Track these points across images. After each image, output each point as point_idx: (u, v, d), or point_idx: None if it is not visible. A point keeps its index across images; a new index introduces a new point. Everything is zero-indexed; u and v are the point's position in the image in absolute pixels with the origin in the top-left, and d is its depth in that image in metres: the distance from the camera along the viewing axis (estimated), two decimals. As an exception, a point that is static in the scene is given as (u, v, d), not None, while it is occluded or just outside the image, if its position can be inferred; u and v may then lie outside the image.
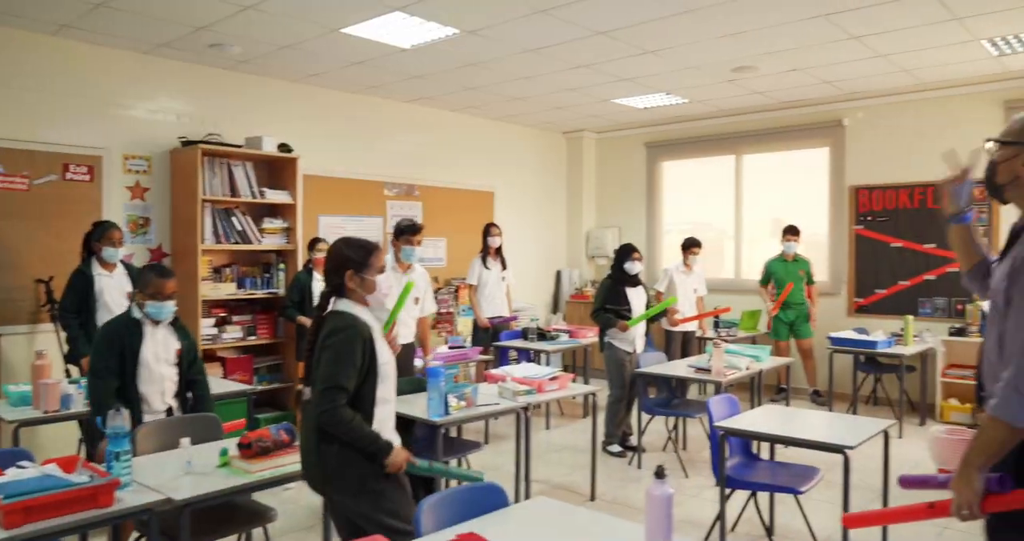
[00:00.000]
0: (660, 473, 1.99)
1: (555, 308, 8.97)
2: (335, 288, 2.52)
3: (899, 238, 6.97)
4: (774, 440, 3.34)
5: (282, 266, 5.99)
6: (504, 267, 6.67)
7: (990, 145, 1.99)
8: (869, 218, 7.16)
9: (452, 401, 3.60)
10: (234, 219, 5.72)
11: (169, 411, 3.39)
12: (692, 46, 5.43)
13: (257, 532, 3.30)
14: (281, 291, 5.90)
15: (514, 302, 6.99)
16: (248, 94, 6.18)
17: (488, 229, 6.61)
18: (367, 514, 2.40)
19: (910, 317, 6.24)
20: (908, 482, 2.08)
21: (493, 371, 4.46)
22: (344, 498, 2.43)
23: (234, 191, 5.71)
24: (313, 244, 5.78)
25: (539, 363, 6.38)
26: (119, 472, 2.42)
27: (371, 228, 7.04)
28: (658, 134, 8.65)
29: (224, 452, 2.75)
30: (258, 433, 2.78)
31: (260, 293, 5.85)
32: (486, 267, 6.54)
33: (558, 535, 2.11)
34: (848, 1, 4.50)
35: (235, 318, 5.72)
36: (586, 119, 8.38)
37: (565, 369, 8.48)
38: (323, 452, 2.41)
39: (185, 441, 2.69)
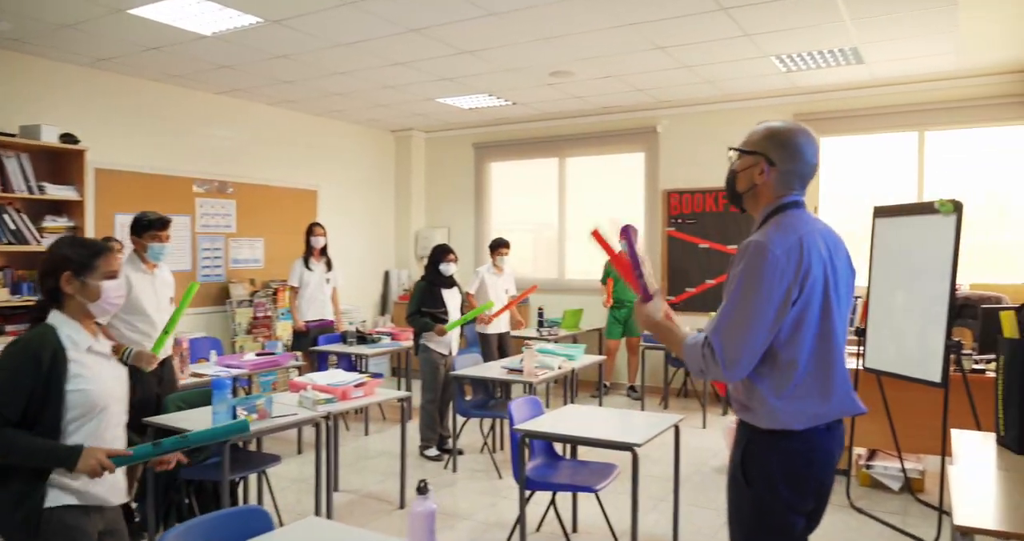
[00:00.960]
0: (422, 489, 1.92)
1: (383, 310, 8.79)
2: (49, 295, 2.14)
3: (706, 239, 7.40)
4: (568, 441, 3.38)
5: (67, 269, 5.41)
6: (329, 268, 6.42)
7: (732, 154, 2.10)
8: (679, 220, 7.55)
9: (241, 414, 3.36)
10: (7, 217, 5.09)
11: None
12: (508, 49, 5.46)
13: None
14: (65, 297, 5.33)
15: (341, 304, 6.75)
16: (24, 77, 5.52)
17: (311, 229, 6.34)
18: None
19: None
20: (611, 235, 2.27)
21: (297, 379, 4.24)
22: None
23: (6, 185, 5.08)
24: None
25: (360, 367, 6.21)
26: None
27: (178, 227, 6.51)
28: (485, 135, 8.68)
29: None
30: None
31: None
32: (308, 268, 6.26)
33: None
34: (648, 13, 4.68)
35: (9, 327, 5.08)
36: (413, 118, 8.26)
37: (393, 372, 8.35)
38: None
39: None
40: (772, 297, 1.83)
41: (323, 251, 6.41)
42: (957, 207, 3.71)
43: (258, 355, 5.27)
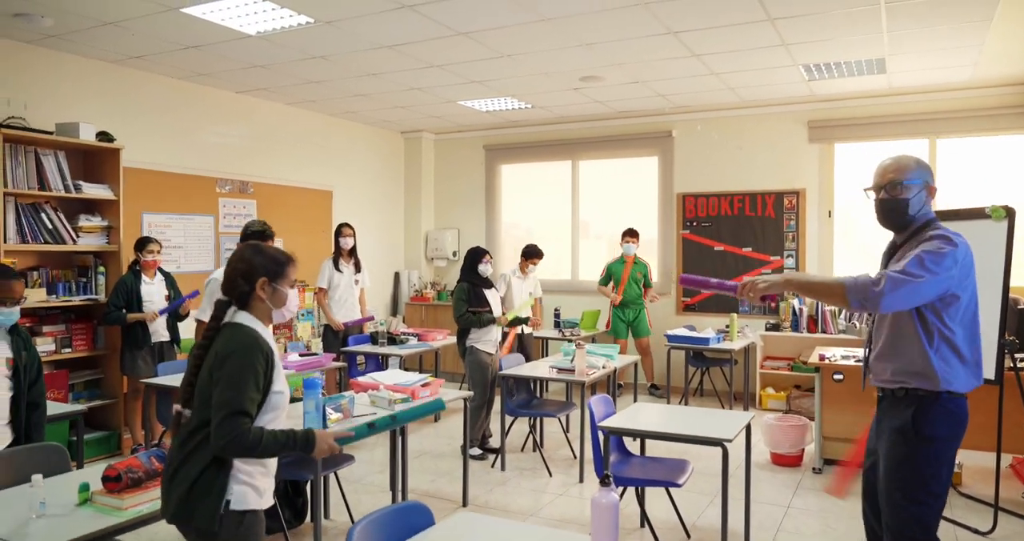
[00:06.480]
0: (605, 481, 1.98)
1: (394, 311, 8.78)
2: (238, 298, 2.23)
3: (720, 242, 7.57)
4: (659, 437, 3.46)
5: (102, 269, 5.34)
6: (358, 270, 6.40)
7: (901, 186, 2.46)
8: (694, 223, 7.71)
9: (330, 413, 3.38)
10: (44, 216, 5.01)
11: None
12: (547, 53, 5.53)
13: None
14: (101, 297, 5.26)
15: (366, 305, 6.72)
16: (56, 75, 5.42)
17: (340, 230, 6.33)
18: None
19: (734, 315, 6.80)
20: (686, 281, 2.73)
21: (360, 379, 4.25)
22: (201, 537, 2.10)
23: (43, 184, 5.00)
24: (142, 244, 5.20)
25: (385, 368, 6.21)
26: (-39, 521, 2.01)
27: (202, 227, 6.48)
28: (497, 137, 8.74)
29: (85, 487, 2.38)
30: (127, 462, 2.43)
31: (76, 300, 5.16)
32: (338, 270, 6.24)
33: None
34: (697, 22, 4.80)
35: (46, 328, 5.00)
36: (427, 120, 8.28)
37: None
38: (182, 478, 2.08)
39: (37, 478, 2.28)
40: (945, 272, 2.25)
41: (352, 252, 6.40)
42: (1009, 213, 3.89)
43: (300, 356, 5.26)
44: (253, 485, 2.14)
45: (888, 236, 2.60)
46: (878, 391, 2.55)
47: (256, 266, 2.23)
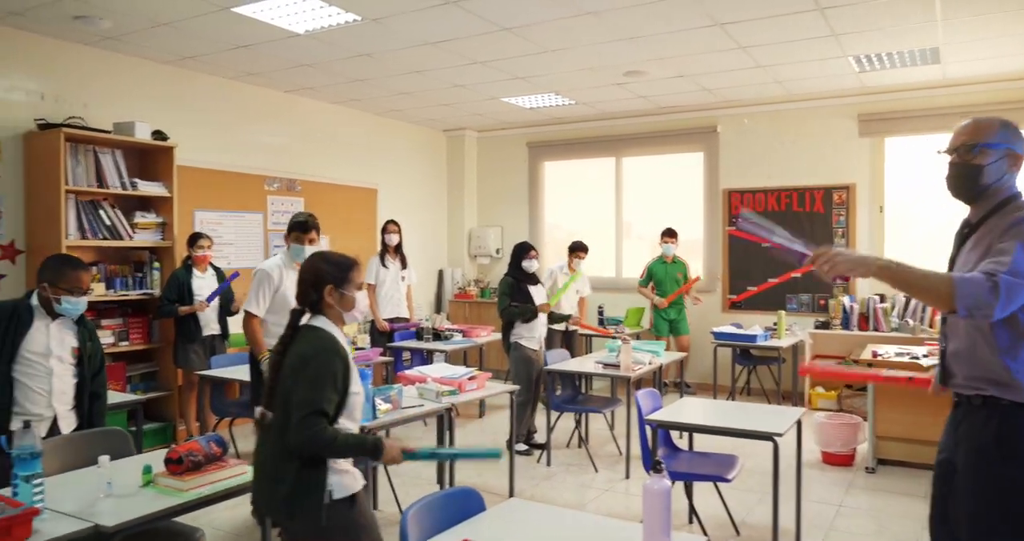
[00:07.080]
0: (658, 467, 1.97)
1: (438, 308, 8.84)
2: (311, 305, 2.32)
3: (767, 238, 7.44)
4: (707, 431, 3.43)
5: (156, 265, 5.48)
6: (404, 266, 6.48)
7: (976, 150, 2.11)
8: (740, 220, 7.59)
9: (380, 404, 3.42)
10: (102, 212, 5.16)
11: (54, 423, 3.00)
12: (590, 48, 5.52)
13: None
14: (156, 291, 5.40)
15: (413, 303, 6.77)
16: (115, 75, 5.59)
17: (386, 226, 6.42)
18: None
19: (783, 312, 6.69)
20: (744, 226, 2.40)
21: (408, 372, 4.30)
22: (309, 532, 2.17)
23: (101, 181, 5.15)
24: (194, 240, 5.34)
25: (430, 364, 6.26)
26: (33, 499, 2.08)
27: (251, 224, 6.62)
28: (540, 135, 8.74)
29: (148, 469, 2.45)
30: (187, 446, 2.50)
31: (133, 294, 5.32)
32: (384, 266, 6.32)
33: (552, 537, 2.04)
34: (743, 13, 4.74)
35: (104, 322, 5.15)
36: (470, 117, 8.32)
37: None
38: (282, 476, 2.15)
39: (104, 459, 2.36)
40: None
41: (397, 248, 6.48)
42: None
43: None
44: (347, 471, 2.24)
45: (945, 227, 2.36)
46: (953, 395, 2.18)
47: (323, 274, 2.32)
